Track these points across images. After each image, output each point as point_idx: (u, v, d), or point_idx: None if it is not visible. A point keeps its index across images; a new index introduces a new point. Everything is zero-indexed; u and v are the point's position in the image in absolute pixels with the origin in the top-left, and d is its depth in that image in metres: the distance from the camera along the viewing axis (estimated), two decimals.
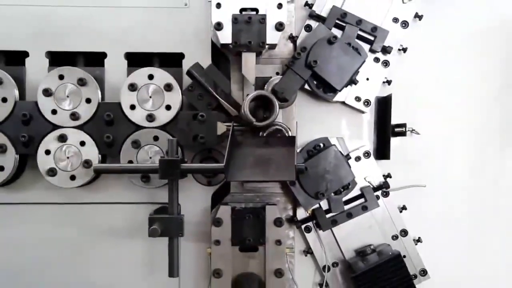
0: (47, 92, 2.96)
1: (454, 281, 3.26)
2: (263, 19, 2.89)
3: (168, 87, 2.99)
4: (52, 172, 2.98)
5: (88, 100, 3.00)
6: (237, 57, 3.00)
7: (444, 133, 3.26)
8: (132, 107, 2.99)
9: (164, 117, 3.00)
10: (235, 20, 2.89)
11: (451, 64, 3.25)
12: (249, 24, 2.89)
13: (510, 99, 3.28)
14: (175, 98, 3.00)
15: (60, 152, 2.99)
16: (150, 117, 2.99)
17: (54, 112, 2.98)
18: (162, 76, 2.99)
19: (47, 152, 2.99)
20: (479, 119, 3.27)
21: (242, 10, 2.93)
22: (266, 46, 2.94)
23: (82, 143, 3.00)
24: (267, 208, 2.92)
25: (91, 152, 3.00)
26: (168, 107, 3.00)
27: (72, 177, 3.00)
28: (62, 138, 2.98)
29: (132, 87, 2.98)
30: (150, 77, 2.99)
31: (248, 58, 2.95)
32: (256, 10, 2.93)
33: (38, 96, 2.98)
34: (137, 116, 3.00)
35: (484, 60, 3.26)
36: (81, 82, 2.98)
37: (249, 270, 2.91)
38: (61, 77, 2.98)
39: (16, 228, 3.16)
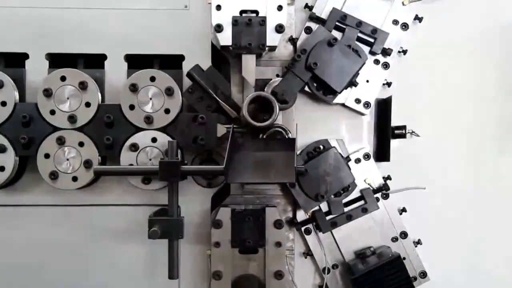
0: (47, 93, 2.94)
1: (454, 283, 3.27)
2: (263, 21, 2.89)
3: (168, 90, 2.97)
4: (52, 175, 2.96)
5: (88, 103, 2.98)
6: (237, 59, 3.00)
7: (443, 135, 3.28)
8: (132, 108, 2.97)
9: (164, 119, 3.00)
10: (235, 22, 2.89)
11: (450, 66, 3.28)
12: (249, 26, 2.89)
13: (508, 102, 3.28)
14: (175, 101, 2.99)
15: (60, 154, 2.97)
16: (149, 119, 2.97)
17: (53, 113, 2.96)
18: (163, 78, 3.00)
19: (47, 154, 2.96)
20: (478, 121, 3.30)
21: (242, 12, 2.92)
22: (266, 48, 2.93)
23: (82, 145, 2.97)
24: (267, 210, 2.92)
25: (91, 153, 2.98)
26: (167, 110, 2.98)
27: (73, 179, 2.97)
28: (62, 140, 2.96)
29: (133, 89, 2.96)
30: (151, 79, 2.97)
31: (248, 60, 2.95)
32: (256, 12, 2.92)
33: (38, 98, 2.96)
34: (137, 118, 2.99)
35: (483, 62, 3.29)
36: (82, 85, 2.96)
37: (249, 272, 2.92)
38: (62, 79, 2.96)
39: (16, 230, 3.17)
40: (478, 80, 3.28)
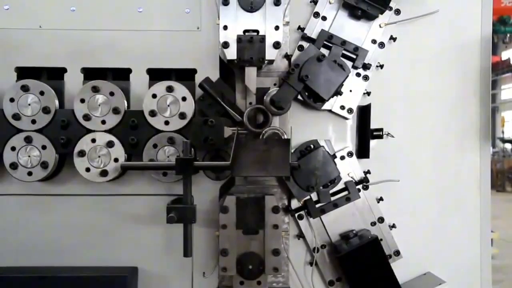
0: (82, 101, 3.08)
1: (422, 259, 3.36)
2: (262, 39, 2.99)
3: (183, 98, 3.11)
4: (86, 169, 3.10)
5: (116, 109, 3.10)
6: (241, 71, 3.08)
7: (414, 136, 3.35)
8: (152, 113, 3.10)
9: (179, 122, 3.13)
10: (239, 39, 2.98)
11: (419, 79, 3.35)
12: (251, 43, 2.98)
13: (465, 108, 3.38)
14: (189, 107, 3.13)
15: (93, 152, 3.10)
16: (167, 123, 3.11)
17: (87, 118, 3.09)
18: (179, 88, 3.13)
19: (82, 152, 3.09)
20: (443, 125, 3.37)
21: (245, 31, 3.02)
22: (266, 62, 3.02)
23: (111, 144, 3.10)
24: (266, 197, 2.96)
25: (119, 151, 3.12)
26: (182, 116, 3.11)
27: (103, 173, 3.09)
28: (94, 140, 3.10)
29: (154, 97, 3.10)
30: (168, 89, 3.10)
31: (250, 72, 3.02)
32: (257, 31, 3.03)
33: (75, 105, 3.09)
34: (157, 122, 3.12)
35: (446, 75, 3.36)
36: (110, 94, 3.09)
37: (251, 250, 2.95)
38: (93, 89, 3.09)
39: (56, 216, 3.27)
40: (442, 89, 3.35)
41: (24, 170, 3.11)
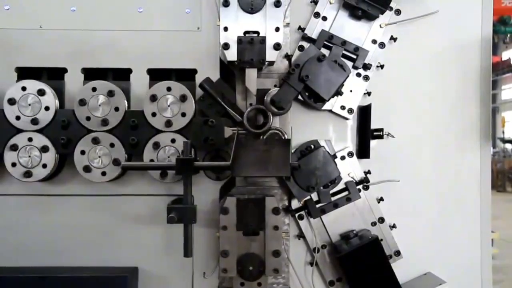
0: (82, 102, 3.08)
1: (422, 259, 3.37)
2: (263, 40, 2.98)
3: (183, 98, 3.11)
4: (87, 169, 3.11)
5: (117, 109, 3.11)
6: (242, 72, 3.08)
7: (415, 136, 3.36)
8: (153, 114, 3.12)
9: (180, 122, 3.13)
10: (239, 41, 2.97)
11: (419, 79, 3.36)
12: (251, 44, 2.97)
13: (465, 109, 3.39)
14: (189, 107, 3.13)
15: (93, 152, 3.11)
16: (168, 123, 3.11)
17: (88, 119, 3.10)
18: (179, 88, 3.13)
19: (82, 152, 3.10)
20: (443, 125, 3.38)
21: (245, 32, 3.01)
22: (266, 63, 3.02)
23: (112, 145, 3.11)
24: (266, 199, 2.96)
25: (119, 152, 3.13)
26: (183, 115, 3.12)
27: (103, 173, 3.11)
28: (95, 140, 3.10)
29: (153, 98, 3.11)
30: (168, 89, 3.11)
31: (251, 73, 3.02)
32: (257, 32, 3.02)
33: (75, 105, 3.10)
34: (157, 122, 3.12)
35: (446, 75, 3.37)
36: (111, 94, 3.10)
37: (251, 251, 2.96)
38: (94, 89, 3.09)
39: (56, 216, 3.28)
40: (441, 90, 3.36)
41: (25, 170, 3.11)
